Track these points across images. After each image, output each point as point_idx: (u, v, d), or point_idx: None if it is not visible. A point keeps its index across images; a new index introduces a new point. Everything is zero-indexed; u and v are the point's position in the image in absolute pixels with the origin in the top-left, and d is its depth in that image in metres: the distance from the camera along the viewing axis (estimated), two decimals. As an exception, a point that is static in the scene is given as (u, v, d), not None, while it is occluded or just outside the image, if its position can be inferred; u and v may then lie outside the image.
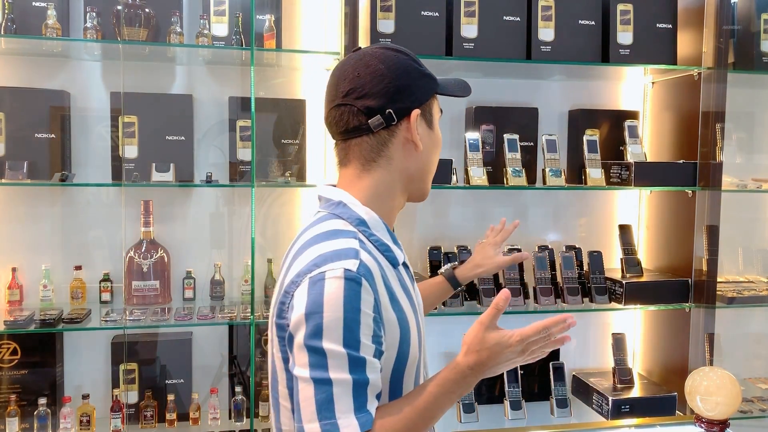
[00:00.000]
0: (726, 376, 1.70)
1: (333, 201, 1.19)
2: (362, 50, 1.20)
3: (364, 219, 1.16)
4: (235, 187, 2.50)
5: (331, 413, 1.00)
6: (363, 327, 1.03)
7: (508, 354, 1.07)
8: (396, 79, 1.15)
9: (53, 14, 2.20)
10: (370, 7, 2.31)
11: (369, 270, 1.06)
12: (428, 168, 1.24)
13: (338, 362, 1.01)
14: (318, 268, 1.05)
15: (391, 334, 1.10)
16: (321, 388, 1.01)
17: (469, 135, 2.50)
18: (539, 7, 2.42)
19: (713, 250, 2.46)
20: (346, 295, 1.02)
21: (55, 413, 2.29)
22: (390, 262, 1.16)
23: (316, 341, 1.01)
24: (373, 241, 1.15)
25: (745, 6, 2.60)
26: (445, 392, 1.08)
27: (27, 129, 2.31)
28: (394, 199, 1.22)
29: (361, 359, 1.02)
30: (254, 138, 2.27)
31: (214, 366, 2.55)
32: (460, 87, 1.28)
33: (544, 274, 2.50)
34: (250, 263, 2.29)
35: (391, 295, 1.11)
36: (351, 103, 1.15)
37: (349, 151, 1.20)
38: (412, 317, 1.16)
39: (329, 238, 1.11)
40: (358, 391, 1.02)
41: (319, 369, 1.01)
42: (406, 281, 1.21)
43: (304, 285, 1.05)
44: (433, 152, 1.24)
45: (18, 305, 2.34)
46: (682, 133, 2.60)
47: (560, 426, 2.36)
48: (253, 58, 2.25)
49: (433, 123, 1.23)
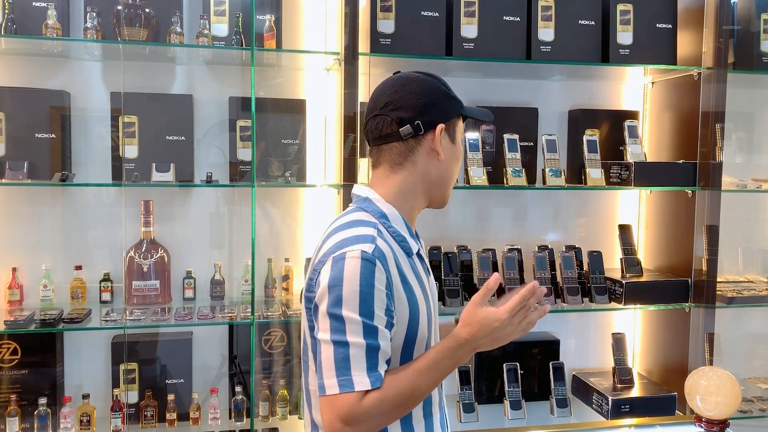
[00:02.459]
0: (726, 376, 1.70)
1: (361, 197, 1.39)
2: (402, 73, 1.40)
3: (385, 213, 1.35)
4: (235, 187, 2.50)
5: (348, 371, 1.19)
6: (377, 300, 1.21)
7: (498, 329, 1.25)
8: (426, 97, 1.35)
9: (53, 14, 2.20)
10: (370, 7, 2.31)
11: (383, 253, 1.25)
12: (448, 175, 1.42)
13: (355, 328, 1.20)
14: (341, 249, 1.24)
15: (402, 311, 1.28)
16: (339, 349, 1.20)
17: (469, 135, 2.50)
18: (539, 7, 2.43)
19: (713, 250, 2.46)
20: (363, 272, 1.21)
21: (56, 413, 2.29)
22: (404, 251, 1.34)
23: (337, 309, 1.20)
24: (391, 232, 1.33)
25: (745, 6, 2.60)
26: (443, 358, 1.25)
27: (27, 129, 2.31)
28: (415, 199, 1.40)
29: (374, 327, 1.21)
30: (254, 138, 2.27)
31: (214, 366, 2.55)
32: (483, 113, 1.48)
33: (544, 274, 2.50)
34: (250, 263, 2.29)
35: (402, 278, 1.29)
36: (387, 114, 1.35)
37: (381, 154, 1.39)
38: (422, 301, 1.33)
39: (352, 226, 1.30)
40: (371, 354, 1.20)
41: (338, 333, 1.20)
42: (420, 270, 1.38)
43: (329, 263, 1.24)
44: (453, 163, 1.42)
45: (18, 305, 2.34)
46: (682, 133, 2.60)
47: (560, 426, 2.36)
48: (253, 58, 2.25)
49: (456, 138, 1.40)
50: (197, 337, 2.51)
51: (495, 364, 2.56)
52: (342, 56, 2.23)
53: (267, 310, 2.40)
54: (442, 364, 1.25)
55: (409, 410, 1.27)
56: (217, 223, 2.54)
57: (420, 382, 1.24)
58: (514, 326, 1.27)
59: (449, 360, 1.26)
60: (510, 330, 1.27)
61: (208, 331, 2.52)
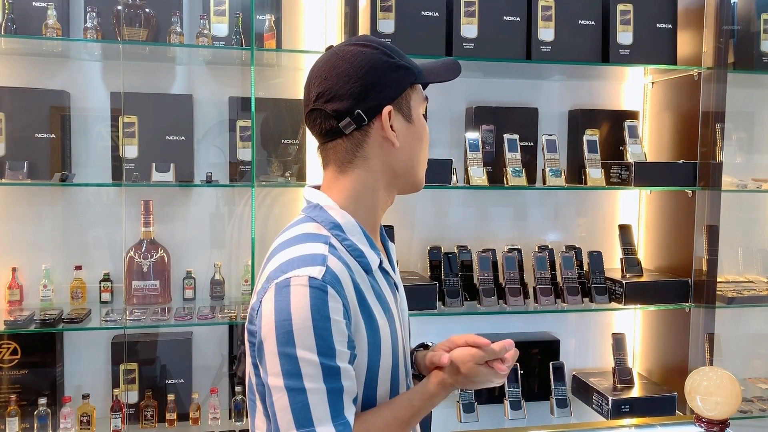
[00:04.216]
0: (726, 376, 1.70)
1: (312, 203, 1.18)
2: (332, 49, 1.17)
3: (338, 223, 1.13)
4: (235, 187, 2.50)
5: (309, 421, 1.00)
6: (335, 333, 1.02)
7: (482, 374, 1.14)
8: (362, 78, 1.11)
9: (53, 14, 2.20)
10: (370, 7, 2.31)
11: (336, 277, 1.05)
12: (413, 162, 1.19)
13: (312, 371, 1.01)
14: (284, 274, 1.05)
15: (360, 342, 1.09)
16: (296, 397, 1.01)
17: (469, 135, 2.50)
18: (539, 7, 2.42)
19: (713, 250, 2.46)
20: (313, 303, 1.01)
21: (55, 413, 2.29)
22: (363, 267, 1.13)
23: (289, 348, 1.01)
24: (346, 245, 1.12)
25: (745, 6, 2.60)
26: (429, 406, 1.14)
27: (27, 129, 2.31)
28: (375, 198, 1.18)
29: (335, 368, 1.02)
30: (254, 138, 2.27)
31: (214, 366, 2.55)
32: (445, 70, 1.21)
33: (544, 274, 2.50)
34: (250, 263, 2.29)
35: (361, 302, 1.09)
36: (321, 107, 1.13)
37: (327, 154, 1.18)
38: (385, 325, 1.14)
39: (299, 242, 1.10)
40: (333, 398, 1.02)
41: (292, 378, 1.01)
42: (382, 287, 1.17)
43: (271, 291, 1.04)
44: (415, 146, 1.18)
45: (18, 305, 2.34)
46: (682, 133, 2.60)
47: (560, 426, 2.36)
48: (253, 58, 2.25)
49: (412, 116, 1.17)
50: (197, 337, 2.51)
51: (495, 364, 2.56)
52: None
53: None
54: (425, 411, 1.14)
55: None
56: (217, 223, 2.54)
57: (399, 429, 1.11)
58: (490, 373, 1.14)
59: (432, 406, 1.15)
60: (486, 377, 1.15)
61: (208, 331, 2.52)
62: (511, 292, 2.46)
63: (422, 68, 1.19)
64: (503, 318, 2.69)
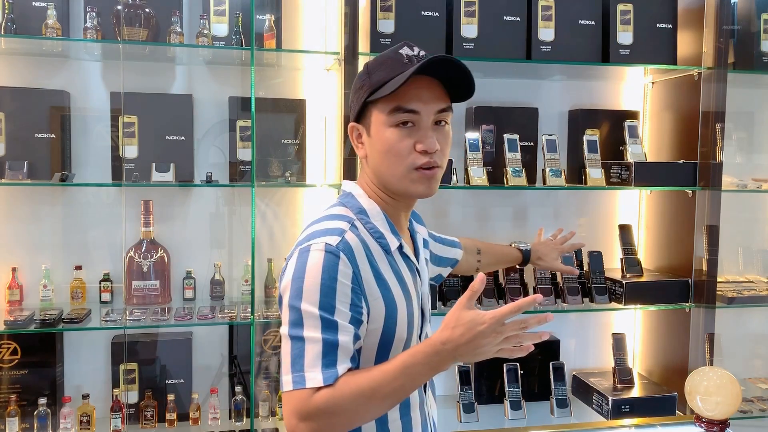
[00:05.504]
0: (726, 376, 1.70)
1: (345, 192, 1.37)
2: None
3: (364, 208, 1.31)
4: (235, 187, 2.50)
5: (301, 367, 1.14)
6: (339, 294, 1.17)
7: (482, 335, 1.08)
8: (352, 96, 1.34)
9: (53, 14, 2.20)
10: (370, 7, 2.31)
11: (350, 247, 1.21)
12: (381, 171, 1.29)
13: (312, 322, 1.15)
14: (308, 241, 1.21)
15: (377, 308, 1.23)
16: (296, 344, 1.16)
17: (469, 135, 2.50)
18: (539, 7, 2.42)
19: (713, 250, 2.46)
20: (325, 265, 1.17)
21: (55, 413, 2.29)
22: (382, 248, 1.28)
23: (297, 302, 1.16)
24: (369, 228, 1.29)
25: (745, 6, 2.60)
26: (415, 362, 1.11)
27: (27, 129, 2.31)
28: (381, 193, 1.33)
29: (333, 322, 1.15)
30: (254, 138, 2.27)
31: (214, 366, 2.55)
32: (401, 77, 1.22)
33: (544, 274, 2.50)
34: (250, 263, 2.29)
35: (377, 274, 1.24)
36: None
37: None
38: (402, 300, 1.27)
39: (326, 219, 1.27)
40: (328, 349, 1.14)
41: (296, 327, 1.16)
42: (402, 268, 1.32)
43: (295, 255, 1.21)
44: (376, 156, 1.29)
45: (18, 305, 2.34)
46: (682, 133, 2.60)
47: (560, 426, 2.36)
48: (253, 58, 2.25)
49: (372, 130, 1.29)
50: (197, 337, 2.51)
51: (495, 364, 2.56)
52: (342, 56, 2.23)
53: (267, 310, 2.40)
54: (414, 369, 1.11)
55: (373, 413, 1.16)
56: (217, 223, 2.54)
57: (384, 385, 1.11)
58: (499, 336, 1.09)
59: (422, 366, 1.11)
60: (494, 340, 1.09)
61: (208, 331, 2.52)
62: (511, 292, 2.46)
63: (379, 82, 1.26)
64: (503, 318, 2.68)
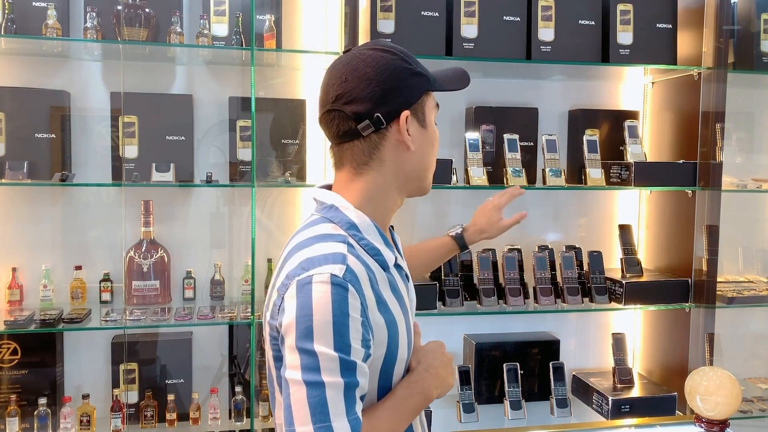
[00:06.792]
0: (726, 376, 1.70)
1: (326, 204, 1.21)
2: (352, 52, 1.19)
3: (354, 223, 1.16)
4: (235, 187, 2.50)
5: (326, 416, 1.01)
6: (352, 331, 1.04)
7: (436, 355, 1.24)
8: (383, 83, 1.14)
9: (53, 14, 2.20)
10: (370, 7, 2.31)
11: (355, 275, 1.07)
12: (424, 166, 1.24)
13: (330, 365, 1.02)
14: (306, 271, 1.07)
15: (380, 335, 1.12)
16: (314, 391, 1.02)
17: (469, 135, 2.50)
18: (539, 7, 2.42)
19: (713, 250, 2.46)
20: (334, 300, 1.03)
21: (56, 413, 2.29)
22: (380, 265, 1.17)
23: (308, 343, 1.02)
24: (363, 245, 1.15)
25: (745, 6, 2.60)
26: (424, 400, 1.18)
27: (27, 129, 2.31)
28: (388, 200, 1.22)
29: (352, 363, 1.04)
30: (254, 138, 2.27)
31: (214, 366, 2.55)
32: (456, 79, 1.26)
33: (544, 274, 2.50)
34: (250, 263, 2.29)
35: (378, 299, 1.12)
36: (340, 109, 1.15)
37: (342, 154, 1.20)
38: (401, 319, 1.18)
39: (318, 241, 1.12)
40: (349, 393, 1.03)
41: (311, 372, 1.02)
42: (398, 283, 1.22)
43: (293, 288, 1.07)
44: (428, 151, 1.23)
45: (18, 305, 2.34)
46: (682, 133, 2.60)
47: (560, 426, 2.36)
48: (253, 58, 2.25)
49: (426, 122, 1.21)
50: (197, 337, 2.51)
51: (495, 364, 2.56)
52: (342, 56, 2.23)
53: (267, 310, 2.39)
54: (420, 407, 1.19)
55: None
56: (217, 223, 2.54)
57: (396, 425, 1.14)
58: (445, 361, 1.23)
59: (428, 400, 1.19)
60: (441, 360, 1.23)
61: (208, 331, 2.52)
62: (511, 292, 2.47)
63: (436, 76, 1.23)
64: (503, 318, 2.69)
